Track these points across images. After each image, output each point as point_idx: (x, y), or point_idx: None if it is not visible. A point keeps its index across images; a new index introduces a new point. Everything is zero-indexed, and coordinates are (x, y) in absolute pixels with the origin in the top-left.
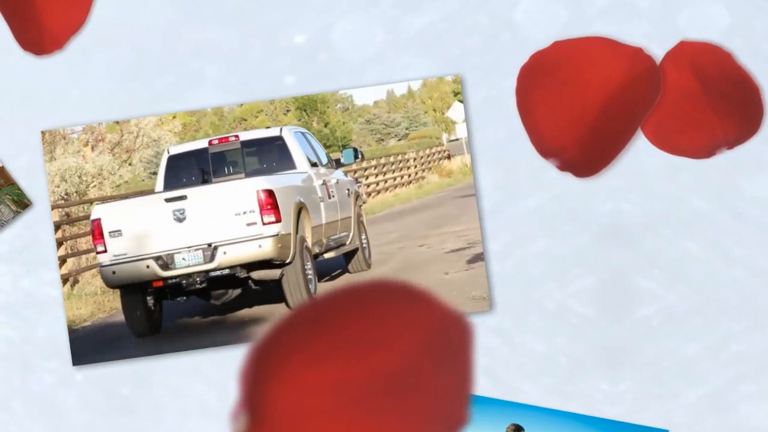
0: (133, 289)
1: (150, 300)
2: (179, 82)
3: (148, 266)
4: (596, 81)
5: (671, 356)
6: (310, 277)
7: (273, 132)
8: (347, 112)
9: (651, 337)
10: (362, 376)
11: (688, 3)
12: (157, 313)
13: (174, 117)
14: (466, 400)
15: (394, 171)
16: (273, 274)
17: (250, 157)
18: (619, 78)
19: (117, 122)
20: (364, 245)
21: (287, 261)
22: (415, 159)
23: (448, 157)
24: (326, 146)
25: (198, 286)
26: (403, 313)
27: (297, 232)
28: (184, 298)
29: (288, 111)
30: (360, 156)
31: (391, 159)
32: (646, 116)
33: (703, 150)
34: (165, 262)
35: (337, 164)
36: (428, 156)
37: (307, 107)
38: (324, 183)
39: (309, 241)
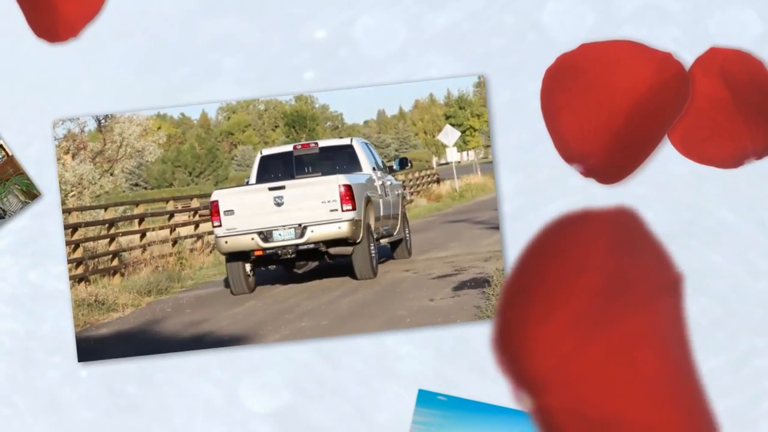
0: (237, 257)
1: (248, 267)
2: (195, 75)
3: (252, 239)
4: (623, 85)
5: None
6: (373, 255)
7: (345, 141)
8: (337, 131)
9: None
10: (584, 304)
11: (719, 8)
12: (252, 277)
13: (159, 128)
14: (668, 260)
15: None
16: (346, 250)
17: (326, 161)
18: (646, 83)
19: (100, 131)
20: (407, 237)
21: (358, 241)
22: (403, 182)
23: (438, 180)
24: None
25: (289, 256)
26: (580, 235)
27: (365, 219)
28: (274, 266)
29: (277, 126)
30: (409, 165)
31: None
32: (674, 123)
33: (731, 160)
34: (265, 236)
35: (390, 170)
36: (417, 179)
37: (297, 123)
38: (382, 184)
39: (372, 228)
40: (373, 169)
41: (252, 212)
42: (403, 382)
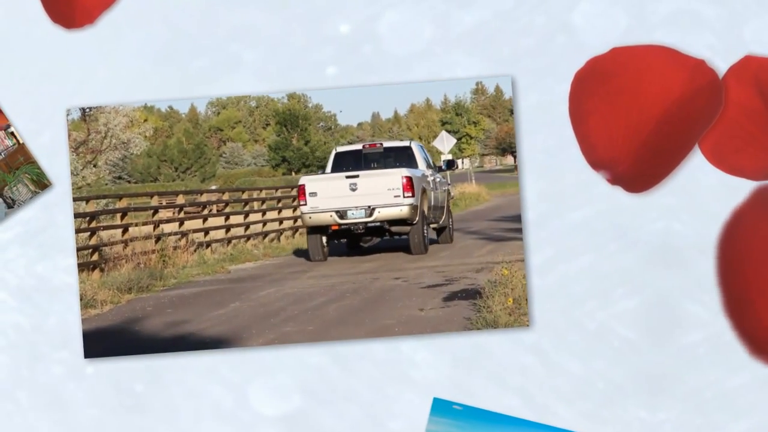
0: (316, 231)
1: (324, 239)
2: (214, 66)
3: (331, 216)
4: (654, 92)
5: (716, 387)
6: (425, 235)
7: (405, 143)
8: (329, 132)
9: (695, 366)
10: None
11: (755, 15)
12: (327, 248)
13: (146, 120)
14: None
15: None
16: (405, 229)
17: (388, 158)
18: (678, 90)
19: (84, 120)
20: (450, 225)
21: (414, 222)
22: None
23: None
24: (304, 165)
25: (360, 231)
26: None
27: (420, 206)
28: (345, 240)
29: (268, 125)
30: (456, 165)
31: None
32: (705, 132)
33: (763, 171)
34: (341, 214)
35: (439, 169)
36: None
37: (289, 122)
38: (433, 180)
39: (425, 214)
40: (426, 167)
41: (331, 195)
42: (417, 390)
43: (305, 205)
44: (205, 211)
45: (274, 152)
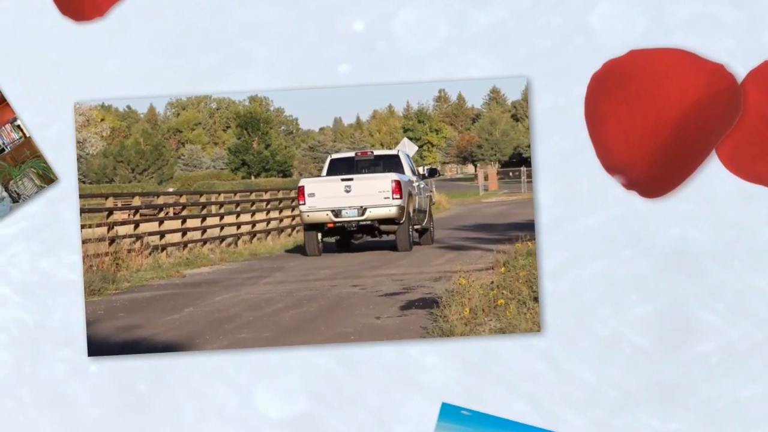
0: (313, 228)
1: (319, 236)
2: (225, 62)
3: (327, 214)
4: (672, 96)
5: (728, 396)
6: (411, 234)
7: (393, 152)
8: (290, 136)
9: (708, 375)
10: None
11: None
12: (321, 244)
13: (102, 119)
14: None
15: None
16: (393, 228)
17: (377, 165)
18: (696, 95)
19: None
20: (431, 228)
21: (401, 222)
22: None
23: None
24: (264, 169)
25: (352, 229)
26: None
27: (407, 207)
28: (338, 237)
29: (228, 127)
30: (438, 174)
31: None
32: (723, 138)
33: None
34: (336, 213)
35: (423, 177)
36: None
37: (249, 125)
38: (417, 185)
39: (411, 215)
40: (412, 174)
41: (328, 195)
42: (426, 394)
43: (304, 204)
44: (162, 214)
45: (233, 155)
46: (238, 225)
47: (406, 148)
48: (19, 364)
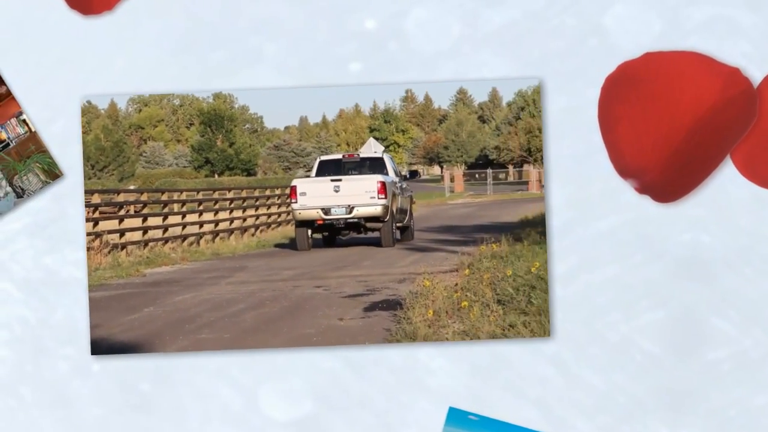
0: (304, 225)
1: (309, 232)
2: (234, 59)
3: (317, 212)
4: (687, 100)
5: (740, 405)
6: (394, 231)
7: (378, 155)
8: (255, 135)
9: (720, 383)
10: None
11: None
12: (311, 240)
13: None
14: None
15: None
16: (378, 225)
17: (363, 167)
18: (711, 99)
19: None
20: (412, 226)
21: (385, 220)
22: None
23: None
24: (228, 168)
25: (340, 226)
26: None
27: (391, 206)
28: (326, 233)
29: (191, 124)
30: (419, 175)
31: None
32: (737, 143)
33: None
34: (326, 211)
35: (404, 178)
36: None
37: (213, 123)
38: (400, 186)
39: (394, 214)
40: (395, 175)
41: (318, 194)
42: (433, 398)
43: (296, 202)
44: (122, 212)
45: (197, 153)
46: (201, 224)
47: (372, 149)
48: (20, 362)
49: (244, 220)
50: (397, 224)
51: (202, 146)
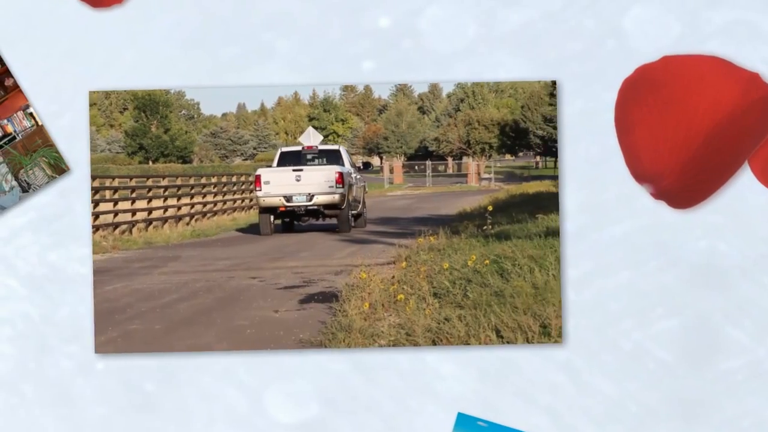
0: (267, 211)
1: (272, 218)
2: (246, 55)
3: (279, 199)
4: (705, 104)
5: (754, 416)
6: (350, 218)
7: (335, 147)
8: (191, 121)
9: (734, 393)
10: None
11: None
12: (273, 225)
13: None
14: None
15: (234, 192)
16: (336, 212)
17: (321, 158)
18: (730, 104)
19: None
20: (365, 214)
21: (342, 207)
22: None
23: None
24: (163, 154)
25: (301, 212)
26: None
27: (347, 195)
28: (287, 219)
29: (125, 109)
30: (371, 167)
31: (234, 179)
32: (756, 149)
33: None
34: (288, 198)
35: (359, 170)
36: None
37: (148, 108)
38: (354, 176)
39: (350, 201)
40: (350, 167)
41: (281, 183)
42: (441, 403)
43: (260, 190)
44: None
45: (130, 139)
46: (133, 212)
47: (311, 138)
48: (23, 358)
49: (179, 208)
50: (352, 212)
51: (135, 132)
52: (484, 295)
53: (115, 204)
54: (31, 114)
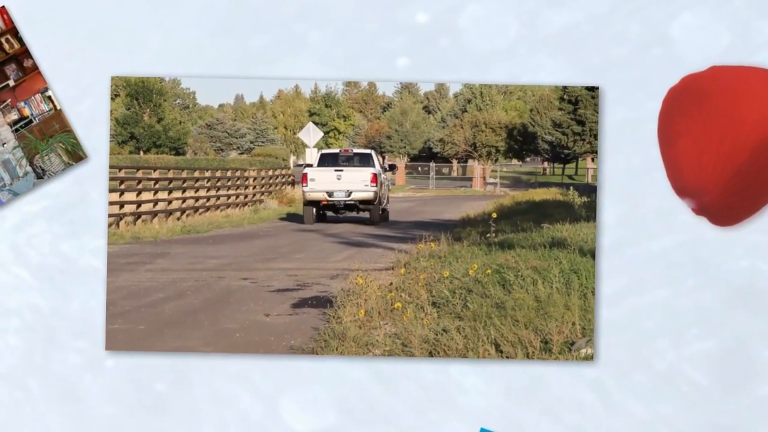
0: (311, 204)
1: (314, 210)
2: (276, 45)
3: (323, 195)
4: (753, 118)
5: None
6: (381, 212)
7: (368, 151)
8: (186, 111)
9: None
10: None
11: None
12: (315, 216)
13: None
14: None
15: (229, 188)
16: (369, 207)
17: (355, 160)
18: None
19: None
20: (387, 208)
21: (375, 202)
22: (255, 179)
23: (293, 183)
24: (155, 145)
25: (340, 206)
26: None
27: (379, 192)
28: (328, 211)
29: (117, 96)
30: (396, 168)
31: (228, 174)
32: None
33: None
34: (329, 193)
35: (385, 170)
36: (271, 178)
37: (141, 96)
38: (384, 176)
39: (381, 198)
40: (380, 168)
41: (324, 180)
42: (464, 417)
43: (306, 186)
44: None
45: (121, 127)
46: (121, 204)
47: (311, 134)
48: (30, 352)
49: (169, 202)
50: (381, 207)
51: (127, 120)
52: (484, 307)
53: None
54: (49, 97)
